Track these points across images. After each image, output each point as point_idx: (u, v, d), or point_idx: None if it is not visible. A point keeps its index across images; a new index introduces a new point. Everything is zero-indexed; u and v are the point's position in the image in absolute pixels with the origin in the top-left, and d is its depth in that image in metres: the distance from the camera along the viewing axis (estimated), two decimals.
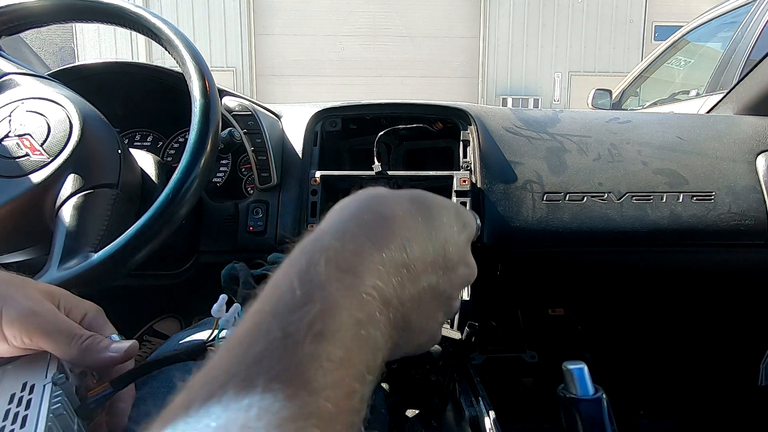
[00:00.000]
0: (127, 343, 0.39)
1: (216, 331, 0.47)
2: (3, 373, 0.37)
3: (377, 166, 0.86)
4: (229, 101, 0.82)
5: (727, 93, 1.16)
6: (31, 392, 0.34)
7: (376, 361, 0.24)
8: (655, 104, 3.01)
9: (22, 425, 0.31)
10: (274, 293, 0.24)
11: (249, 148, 0.83)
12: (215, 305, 0.47)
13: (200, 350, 0.47)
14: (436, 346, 0.62)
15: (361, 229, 0.27)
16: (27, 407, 0.33)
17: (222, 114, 0.79)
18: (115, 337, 0.41)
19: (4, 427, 0.32)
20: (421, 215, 0.31)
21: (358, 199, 0.30)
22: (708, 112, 1.24)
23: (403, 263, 0.28)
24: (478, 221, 0.50)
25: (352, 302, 0.24)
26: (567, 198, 0.85)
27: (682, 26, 3.03)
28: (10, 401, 0.33)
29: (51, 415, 0.32)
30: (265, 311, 0.23)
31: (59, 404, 0.33)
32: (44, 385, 0.34)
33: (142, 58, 8.50)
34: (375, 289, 0.25)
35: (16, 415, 0.32)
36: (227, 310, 0.47)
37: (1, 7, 0.69)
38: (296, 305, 0.22)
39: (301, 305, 0.22)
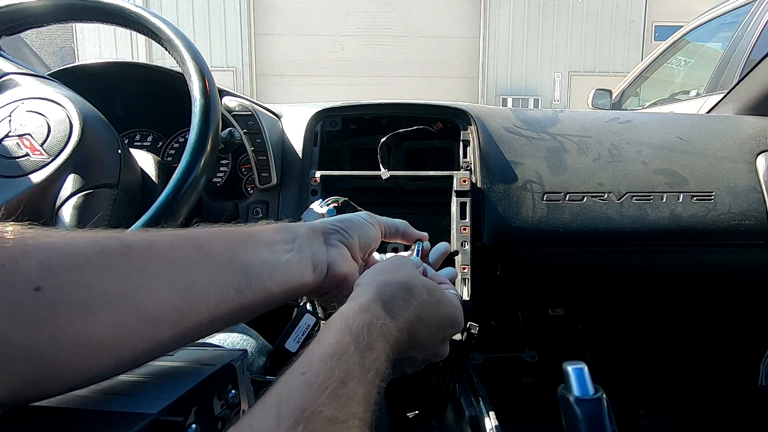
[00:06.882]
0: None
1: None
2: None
3: (385, 172, 0.86)
4: (229, 101, 0.82)
5: (727, 93, 1.16)
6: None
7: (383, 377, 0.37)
8: (655, 104, 3.00)
9: None
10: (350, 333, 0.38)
11: (249, 148, 0.83)
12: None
13: None
14: None
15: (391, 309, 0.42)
16: None
17: (222, 114, 0.79)
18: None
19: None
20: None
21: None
22: (708, 112, 1.23)
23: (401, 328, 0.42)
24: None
25: (384, 345, 0.38)
26: (567, 198, 0.85)
27: (682, 26, 3.02)
28: None
29: None
30: (347, 341, 0.36)
31: None
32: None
33: (142, 58, 8.50)
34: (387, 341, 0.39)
35: None
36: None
37: (1, 7, 0.69)
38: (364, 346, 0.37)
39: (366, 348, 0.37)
